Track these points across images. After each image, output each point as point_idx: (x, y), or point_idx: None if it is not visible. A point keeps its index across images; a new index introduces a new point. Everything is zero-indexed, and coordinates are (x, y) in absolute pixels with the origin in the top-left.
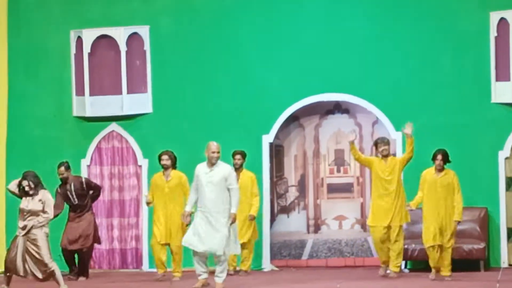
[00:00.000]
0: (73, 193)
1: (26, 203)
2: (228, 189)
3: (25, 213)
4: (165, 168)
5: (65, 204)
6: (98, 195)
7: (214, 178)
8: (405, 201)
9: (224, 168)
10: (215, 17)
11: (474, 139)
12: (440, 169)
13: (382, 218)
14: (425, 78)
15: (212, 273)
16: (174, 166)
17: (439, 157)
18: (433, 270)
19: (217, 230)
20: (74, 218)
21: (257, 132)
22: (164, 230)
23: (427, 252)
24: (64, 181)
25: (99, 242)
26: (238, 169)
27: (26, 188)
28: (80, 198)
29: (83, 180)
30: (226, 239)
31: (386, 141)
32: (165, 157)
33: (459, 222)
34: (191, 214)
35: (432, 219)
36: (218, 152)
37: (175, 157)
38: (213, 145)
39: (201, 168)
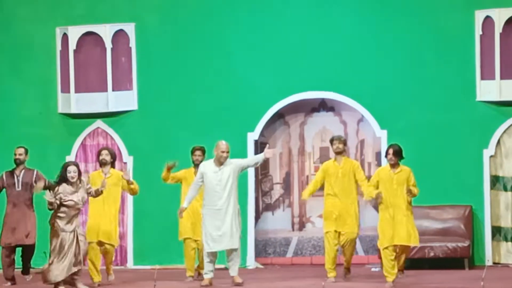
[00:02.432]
0: (20, 180)
1: (77, 197)
2: (244, 168)
3: (79, 207)
4: (103, 163)
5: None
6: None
7: (224, 176)
8: (357, 209)
9: (229, 163)
10: (200, 14)
11: (459, 137)
12: (394, 165)
13: (332, 223)
14: (410, 76)
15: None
16: (113, 163)
17: (390, 151)
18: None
19: (230, 225)
20: (13, 210)
21: (242, 130)
22: (97, 228)
23: (382, 254)
24: (17, 165)
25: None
26: (197, 166)
27: (73, 174)
28: (24, 188)
29: (35, 172)
30: (238, 232)
31: (342, 139)
32: (105, 152)
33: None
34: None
35: (389, 218)
36: (228, 152)
37: (115, 154)
38: (223, 145)
39: (209, 167)
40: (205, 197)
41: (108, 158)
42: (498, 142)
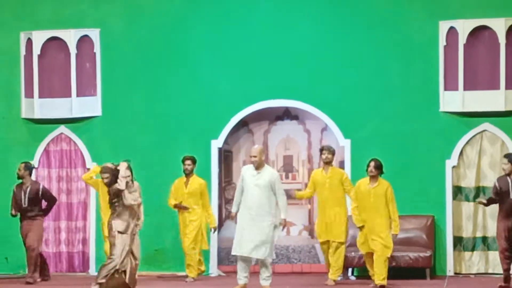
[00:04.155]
0: (26, 196)
1: (132, 197)
2: (275, 194)
3: (134, 207)
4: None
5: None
6: (52, 207)
7: (260, 181)
8: (345, 216)
9: (271, 173)
10: (165, 21)
11: (422, 147)
12: (373, 177)
13: (323, 232)
14: (374, 86)
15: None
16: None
17: (372, 164)
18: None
19: (263, 234)
20: (24, 222)
21: (206, 137)
22: None
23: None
24: (21, 181)
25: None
26: (188, 175)
27: (128, 179)
28: (31, 203)
29: (41, 187)
30: (272, 244)
31: (331, 150)
32: (105, 175)
33: (395, 236)
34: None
35: (366, 228)
36: (255, 156)
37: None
38: (253, 149)
39: (248, 170)
40: (243, 201)
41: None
42: (461, 152)
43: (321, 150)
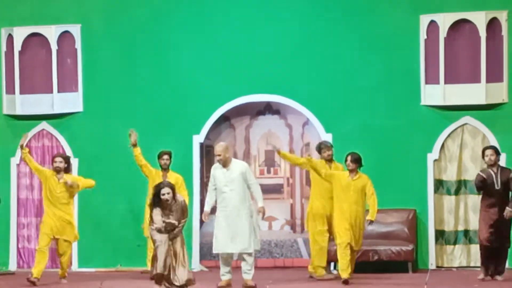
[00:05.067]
0: None
1: (172, 219)
2: (248, 185)
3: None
4: (57, 170)
5: None
6: None
7: (232, 176)
8: None
9: (240, 165)
10: (146, 16)
11: (403, 141)
12: (352, 170)
13: (321, 223)
14: (355, 80)
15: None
16: (67, 169)
17: (349, 158)
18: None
19: (243, 228)
20: None
21: (188, 132)
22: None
23: (338, 252)
24: None
25: None
26: (165, 169)
27: (167, 197)
28: None
29: None
30: (253, 236)
31: (329, 146)
32: (59, 159)
33: (371, 222)
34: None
35: (344, 220)
36: (220, 155)
37: (68, 159)
38: (217, 148)
39: (217, 169)
40: (218, 199)
41: (62, 165)
42: (442, 146)
43: (320, 149)
